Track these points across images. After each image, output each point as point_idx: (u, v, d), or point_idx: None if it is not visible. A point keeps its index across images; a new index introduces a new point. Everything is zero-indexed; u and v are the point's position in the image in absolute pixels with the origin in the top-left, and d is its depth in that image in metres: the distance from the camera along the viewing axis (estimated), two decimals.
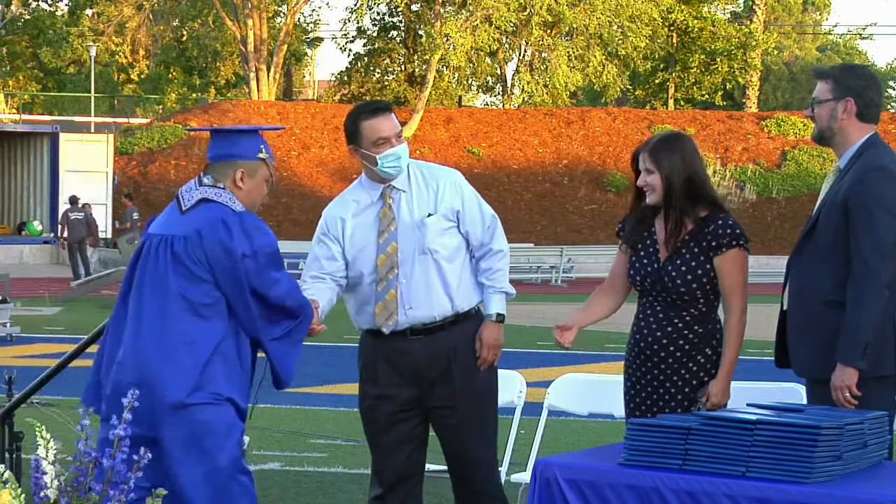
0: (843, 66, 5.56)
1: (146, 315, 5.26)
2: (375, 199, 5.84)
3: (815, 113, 5.42)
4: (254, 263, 5.25)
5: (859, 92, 5.35)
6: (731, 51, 55.85)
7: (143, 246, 5.41)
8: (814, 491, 4.28)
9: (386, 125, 5.80)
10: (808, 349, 5.32)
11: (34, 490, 4.73)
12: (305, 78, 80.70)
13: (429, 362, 5.77)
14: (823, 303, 5.26)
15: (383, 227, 5.78)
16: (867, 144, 5.35)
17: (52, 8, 64.56)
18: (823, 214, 5.32)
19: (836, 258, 5.23)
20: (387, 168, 5.78)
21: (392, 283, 5.75)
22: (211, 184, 5.41)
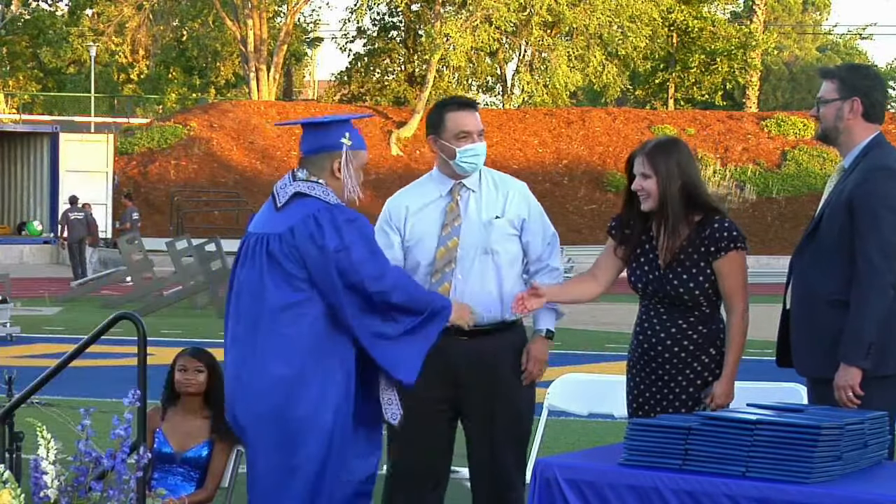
0: (848, 66, 5.55)
1: (242, 317, 5.24)
2: (444, 194, 5.84)
3: (821, 113, 5.41)
4: (347, 259, 5.14)
5: (865, 92, 5.35)
6: (731, 51, 55.84)
7: (242, 246, 5.41)
8: (814, 491, 4.28)
9: (471, 120, 5.82)
10: (812, 349, 5.31)
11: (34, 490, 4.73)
12: (305, 78, 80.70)
13: (469, 366, 5.75)
14: (827, 302, 5.25)
15: (448, 221, 5.77)
16: (872, 144, 5.34)
17: (52, 8, 64.58)
18: (827, 214, 5.31)
19: (840, 258, 5.22)
20: (464, 162, 5.78)
21: (447, 277, 5.73)
22: (305, 178, 5.35)
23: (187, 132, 47.58)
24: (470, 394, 5.76)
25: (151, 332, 6.36)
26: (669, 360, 5.49)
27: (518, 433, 5.84)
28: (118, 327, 5.62)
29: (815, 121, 5.49)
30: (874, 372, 5.17)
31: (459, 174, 5.82)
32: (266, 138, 48.35)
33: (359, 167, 5.42)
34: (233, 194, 45.59)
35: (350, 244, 5.15)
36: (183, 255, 24.09)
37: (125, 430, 4.77)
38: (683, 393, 5.49)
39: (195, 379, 6.34)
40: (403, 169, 48.30)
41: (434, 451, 5.84)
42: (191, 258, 23.95)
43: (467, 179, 5.83)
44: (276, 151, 47.93)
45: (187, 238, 25.15)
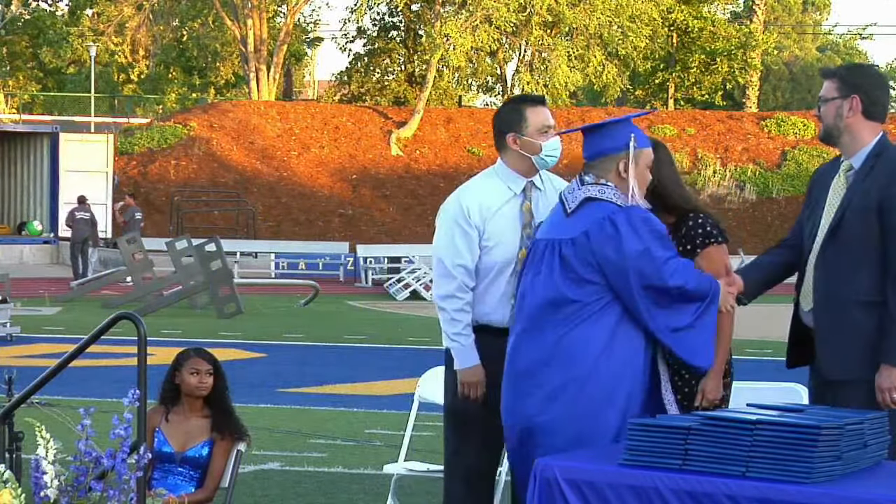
0: (849, 65, 5.55)
1: (532, 320, 5.26)
2: (518, 192, 5.80)
3: (822, 112, 5.40)
4: (648, 259, 5.13)
5: (865, 90, 5.33)
6: (731, 51, 55.83)
7: (530, 252, 5.42)
8: (814, 491, 4.28)
9: (548, 114, 5.86)
10: (842, 351, 5.26)
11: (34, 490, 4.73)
12: (305, 78, 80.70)
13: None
14: (857, 304, 5.22)
15: (526, 222, 5.74)
16: (882, 145, 5.32)
17: (52, 8, 64.61)
18: (850, 215, 5.26)
19: (869, 259, 5.19)
20: (547, 156, 5.80)
21: None
22: (593, 181, 5.36)
23: (187, 132, 47.57)
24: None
25: (151, 332, 6.36)
26: None
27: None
28: (118, 327, 5.62)
29: (818, 121, 5.47)
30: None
31: (537, 170, 5.82)
32: (266, 138, 48.33)
33: (644, 166, 5.40)
34: (233, 194, 45.58)
35: (649, 244, 5.16)
36: (183, 255, 24.10)
37: (125, 430, 4.76)
38: (678, 392, 5.48)
39: (207, 382, 6.35)
40: (403, 169, 48.30)
41: (490, 453, 5.86)
42: (191, 258, 23.96)
43: (535, 179, 5.83)
44: (276, 151, 47.92)
45: (187, 238, 25.16)
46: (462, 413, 5.84)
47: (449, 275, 5.74)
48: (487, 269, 5.72)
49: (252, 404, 12.16)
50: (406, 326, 21.84)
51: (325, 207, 45.95)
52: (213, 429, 6.34)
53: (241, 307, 22.81)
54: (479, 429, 5.78)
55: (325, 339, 19.53)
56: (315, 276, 31.41)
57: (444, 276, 5.76)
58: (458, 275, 5.73)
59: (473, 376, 5.72)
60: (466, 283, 5.73)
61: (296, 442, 10.61)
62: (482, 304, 5.75)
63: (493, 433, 5.74)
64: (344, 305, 26.71)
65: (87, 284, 28.00)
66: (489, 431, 5.75)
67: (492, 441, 5.78)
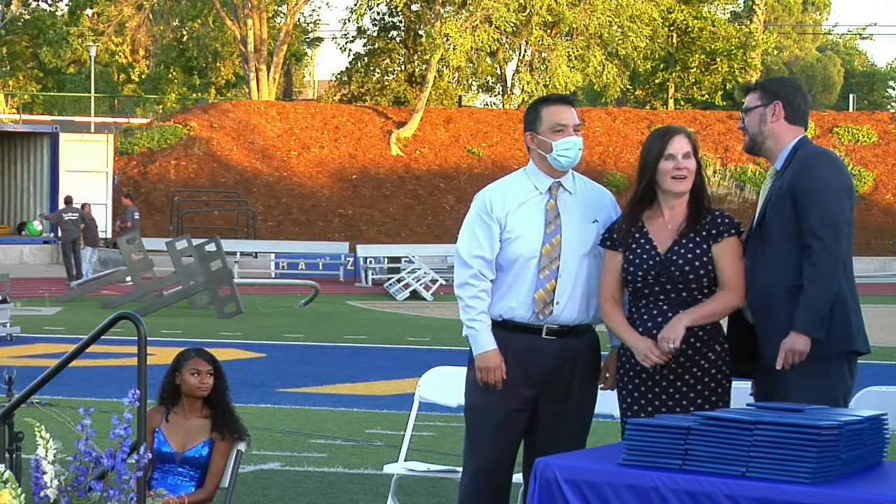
0: (768, 78, 5.88)
1: None
2: (543, 191, 5.82)
3: (746, 123, 5.63)
4: None
5: (785, 96, 5.57)
6: (731, 51, 55.85)
7: None
8: (814, 491, 4.28)
9: (567, 114, 5.83)
10: (777, 337, 5.36)
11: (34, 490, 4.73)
12: (305, 78, 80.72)
13: (555, 366, 5.76)
14: (787, 290, 5.37)
15: (550, 219, 5.76)
16: (800, 143, 5.55)
17: (52, 8, 64.63)
18: (770, 209, 5.46)
19: (790, 246, 5.38)
20: (559, 156, 5.77)
21: (554, 274, 5.73)
22: None
23: (187, 132, 47.57)
24: (548, 392, 5.79)
25: (151, 332, 6.36)
26: (676, 359, 5.47)
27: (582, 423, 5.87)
28: (118, 327, 5.62)
29: (743, 133, 5.68)
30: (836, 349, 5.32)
31: (556, 169, 5.82)
32: (266, 138, 48.33)
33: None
34: (233, 194, 45.59)
35: None
36: (183, 255, 24.09)
37: (125, 430, 4.76)
38: (692, 391, 5.48)
39: (208, 382, 6.36)
40: (403, 169, 48.31)
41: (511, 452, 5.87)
42: (191, 258, 23.96)
43: (564, 180, 5.84)
44: (276, 151, 47.92)
45: (187, 238, 25.15)
46: (477, 409, 5.86)
47: (465, 264, 5.80)
48: (510, 262, 5.77)
49: (252, 404, 12.16)
50: (406, 326, 21.84)
51: (325, 207, 45.95)
52: (213, 429, 6.34)
53: (241, 307, 22.80)
54: (493, 426, 5.80)
55: (325, 339, 19.52)
56: (315, 276, 31.40)
57: (462, 266, 5.82)
58: (474, 264, 5.77)
59: (488, 361, 5.73)
60: (482, 273, 5.77)
61: (296, 442, 10.60)
62: (507, 298, 5.78)
63: (508, 431, 5.78)
64: (344, 305, 26.70)
65: (87, 284, 27.99)
66: (504, 429, 5.78)
67: (506, 439, 5.81)
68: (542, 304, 5.73)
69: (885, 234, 45.87)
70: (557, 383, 5.77)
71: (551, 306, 5.72)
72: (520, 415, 5.79)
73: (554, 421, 5.80)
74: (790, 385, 5.28)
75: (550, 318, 5.73)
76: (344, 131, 49.52)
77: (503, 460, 5.86)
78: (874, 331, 6.05)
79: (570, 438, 5.77)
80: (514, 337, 5.75)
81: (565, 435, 5.79)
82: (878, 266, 40.16)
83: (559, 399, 5.78)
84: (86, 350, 5.89)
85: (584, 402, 5.84)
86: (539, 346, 5.73)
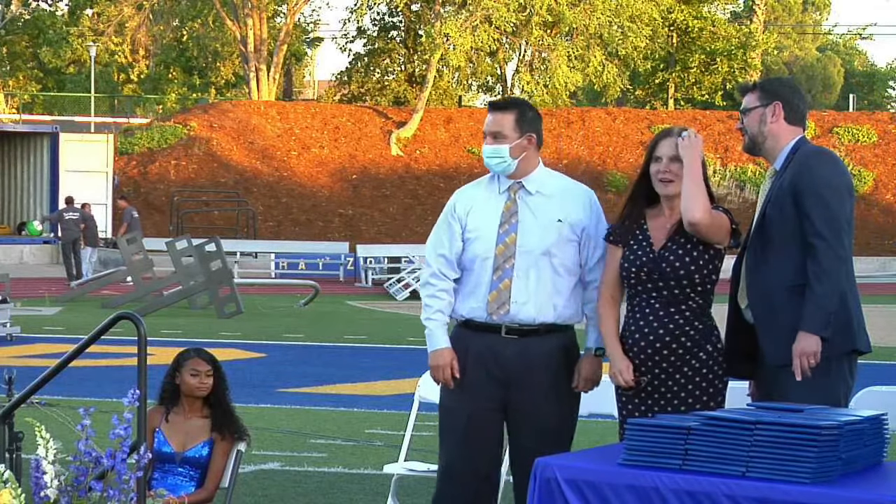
0: (766, 78, 5.89)
1: None
2: (502, 191, 5.88)
3: (745, 123, 5.66)
4: None
5: (785, 97, 5.60)
6: (731, 51, 55.84)
7: None
8: (814, 491, 4.28)
9: (491, 120, 5.89)
10: (778, 336, 5.37)
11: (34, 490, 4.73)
12: (305, 78, 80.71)
13: (517, 366, 5.75)
14: (788, 289, 5.37)
15: (504, 220, 5.80)
16: (799, 143, 5.56)
17: (52, 8, 64.60)
18: (771, 208, 5.47)
19: (791, 246, 5.38)
20: (485, 160, 5.89)
21: (508, 273, 5.75)
22: None
23: (187, 132, 47.57)
24: (518, 393, 5.77)
25: (151, 332, 6.36)
26: (667, 357, 5.48)
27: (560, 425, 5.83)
28: (118, 327, 5.62)
29: (741, 134, 5.71)
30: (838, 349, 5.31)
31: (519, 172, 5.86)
32: (266, 138, 48.32)
33: None
34: (233, 194, 45.59)
35: None
36: (183, 255, 24.10)
37: (125, 430, 4.76)
38: (682, 390, 5.49)
39: (207, 383, 6.36)
40: (403, 169, 48.30)
41: (483, 452, 5.84)
42: (191, 258, 23.96)
43: (527, 181, 5.86)
44: (276, 151, 47.92)
45: (187, 238, 25.16)
46: (445, 408, 5.91)
47: (428, 263, 5.90)
48: (471, 262, 5.83)
49: (252, 404, 12.16)
50: (406, 326, 21.83)
51: (325, 207, 45.95)
52: (214, 429, 6.34)
53: (241, 307, 22.80)
54: (459, 425, 5.82)
55: (325, 339, 19.52)
56: (315, 276, 31.40)
57: (425, 265, 5.93)
58: (434, 262, 5.87)
59: (438, 359, 5.80)
60: (442, 271, 5.85)
61: (296, 442, 10.60)
62: (469, 298, 5.83)
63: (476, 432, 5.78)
64: (344, 305, 26.70)
65: (87, 284, 28.00)
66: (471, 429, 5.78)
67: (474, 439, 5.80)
68: (496, 305, 5.75)
69: (885, 234, 45.87)
70: (524, 384, 5.75)
71: (507, 306, 5.73)
72: (488, 415, 5.78)
73: (529, 422, 5.77)
74: (790, 385, 5.28)
75: (508, 317, 5.74)
76: (344, 131, 49.51)
77: (473, 461, 5.83)
78: (874, 331, 6.04)
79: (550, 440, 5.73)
80: (476, 337, 5.80)
81: (544, 437, 5.74)
82: (878, 266, 40.16)
83: (531, 400, 5.75)
84: (86, 350, 5.89)
85: (559, 402, 5.79)
86: (499, 346, 5.74)
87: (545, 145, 6.09)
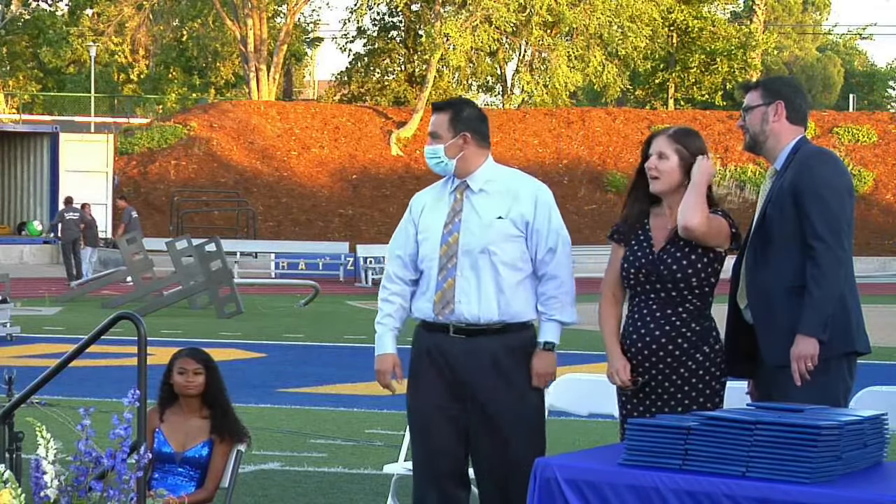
0: (768, 77, 5.85)
1: None
2: (450, 192, 5.90)
3: (747, 121, 5.63)
4: None
5: (787, 96, 5.57)
6: (731, 51, 55.86)
7: None
8: (814, 491, 4.28)
9: (433, 121, 5.93)
10: (777, 337, 5.37)
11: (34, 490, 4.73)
12: (305, 78, 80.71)
13: (467, 366, 5.74)
14: (787, 290, 5.36)
15: (449, 220, 5.82)
16: (800, 143, 5.54)
17: (52, 8, 64.60)
18: (771, 208, 5.45)
19: (790, 246, 5.37)
20: (427, 161, 5.94)
21: (451, 273, 5.76)
22: None
23: (187, 132, 47.57)
24: (470, 393, 5.76)
25: (151, 332, 6.36)
26: (664, 358, 5.48)
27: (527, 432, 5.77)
28: (118, 327, 5.62)
29: (742, 132, 5.68)
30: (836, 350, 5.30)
31: (463, 171, 5.87)
32: (266, 138, 48.32)
33: None
34: (233, 194, 45.58)
35: None
36: (183, 255, 24.10)
37: (125, 430, 4.76)
38: (679, 391, 5.49)
39: (195, 381, 6.36)
40: (403, 169, 48.30)
41: (446, 453, 5.83)
42: (191, 258, 23.96)
43: (472, 179, 5.86)
44: (276, 151, 47.92)
45: (187, 238, 25.16)
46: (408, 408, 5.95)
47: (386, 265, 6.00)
48: (422, 262, 5.88)
49: (252, 404, 12.16)
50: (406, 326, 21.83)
51: (325, 207, 45.95)
52: (213, 429, 6.34)
53: (241, 307, 22.80)
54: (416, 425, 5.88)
55: (325, 339, 19.52)
56: (315, 276, 31.40)
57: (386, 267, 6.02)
58: (389, 265, 5.98)
59: (379, 364, 5.90)
60: (396, 273, 5.93)
61: (296, 442, 10.60)
62: (421, 298, 5.89)
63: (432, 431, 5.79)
64: (344, 305, 26.69)
65: (87, 284, 28.00)
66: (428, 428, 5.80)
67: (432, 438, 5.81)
68: (441, 305, 5.77)
69: (885, 234, 45.87)
70: (474, 384, 5.73)
71: (452, 305, 5.74)
72: (444, 414, 5.77)
73: (487, 422, 5.74)
74: (790, 385, 5.27)
75: (453, 317, 5.75)
76: (344, 131, 49.52)
77: (436, 461, 5.82)
78: (874, 331, 6.04)
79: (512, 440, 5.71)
80: (427, 336, 5.86)
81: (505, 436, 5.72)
82: (878, 266, 40.17)
83: (486, 400, 5.72)
84: (86, 350, 5.89)
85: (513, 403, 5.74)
86: (447, 346, 5.76)
87: (545, 145, 6.09)
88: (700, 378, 5.49)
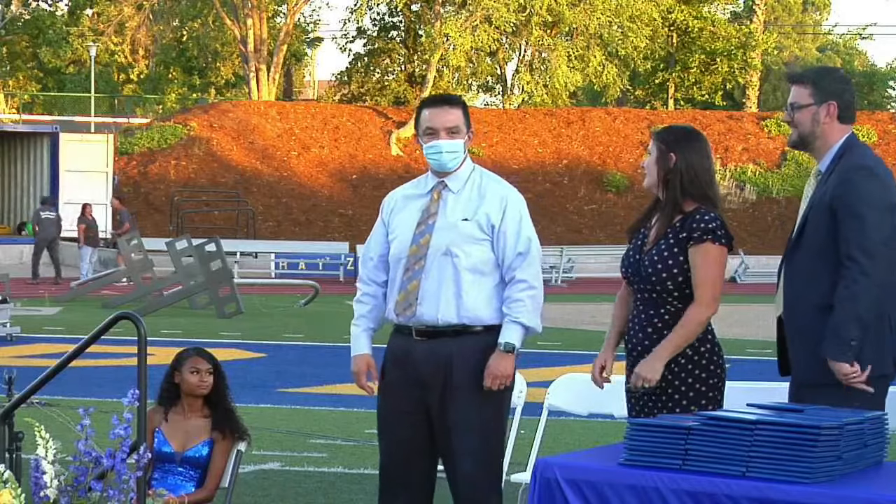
0: (818, 70, 5.58)
1: None
2: (426, 192, 5.85)
3: (796, 119, 5.42)
4: None
5: (840, 94, 5.37)
6: (731, 51, 55.86)
7: None
8: (814, 491, 4.28)
9: (438, 117, 5.79)
10: (805, 355, 5.28)
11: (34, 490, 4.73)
12: (305, 78, 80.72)
13: (427, 368, 5.70)
14: (818, 307, 5.23)
15: (422, 220, 5.77)
16: (846, 145, 5.35)
17: (52, 8, 64.56)
18: (812, 218, 5.31)
19: (825, 262, 5.22)
20: (430, 159, 5.80)
21: (416, 274, 5.71)
22: None
23: (187, 132, 47.57)
24: (432, 396, 5.71)
25: (151, 332, 6.36)
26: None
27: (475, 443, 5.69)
28: (118, 327, 5.62)
29: (790, 126, 5.49)
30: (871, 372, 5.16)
31: (438, 172, 5.81)
32: (266, 138, 48.32)
33: None
34: (233, 194, 45.57)
35: None
36: (183, 255, 24.10)
37: (125, 430, 4.76)
38: (677, 392, 5.47)
39: (208, 381, 6.36)
40: (403, 169, 48.28)
41: (413, 452, 5.78)
42: (191, 258, 23.95)
43: (450, 180, 5.80)
44: (276, 151, 47.91)
45: (187, 238, 25.16)
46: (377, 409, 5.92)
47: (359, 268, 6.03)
48: (392, 262, 5.84)
49: (252, 404, 12.16)
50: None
51: (325, 207, 45.95)
52: (214, 428, 6.34)
53: (241, 307, 22.80)
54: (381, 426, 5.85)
55: (325, 339, 19.51)
56: (315, 276, 31.39)
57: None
58: (363, 267, 5.99)
59: (353, 365, 5.87)
60: (368, 276, 5.92)
61: (296, 442, 10.61)
62: (390, 300, 5.86)
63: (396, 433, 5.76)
64: (344, 305, 26.62)
65: (86, 284, 28.00)
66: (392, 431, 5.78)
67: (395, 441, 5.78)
68: (403, 306, 5.74)
69: None
70: (434, 386, 5.69)
71: (413, 307, 5.70)
72: (408, 417, 5.73)
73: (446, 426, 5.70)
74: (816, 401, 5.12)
75: (414, 318, 5.71)
76: (344, 131, 49.52)
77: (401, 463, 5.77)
78: None
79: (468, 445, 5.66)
80: (395, 338, 5.83)
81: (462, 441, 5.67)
82: None
83: (445, 403, 5.68)
84: (86, 350, 5.89)
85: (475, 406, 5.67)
86: (410, 348, 5.73)
87: (545, 145, 6.09)
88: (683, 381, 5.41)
